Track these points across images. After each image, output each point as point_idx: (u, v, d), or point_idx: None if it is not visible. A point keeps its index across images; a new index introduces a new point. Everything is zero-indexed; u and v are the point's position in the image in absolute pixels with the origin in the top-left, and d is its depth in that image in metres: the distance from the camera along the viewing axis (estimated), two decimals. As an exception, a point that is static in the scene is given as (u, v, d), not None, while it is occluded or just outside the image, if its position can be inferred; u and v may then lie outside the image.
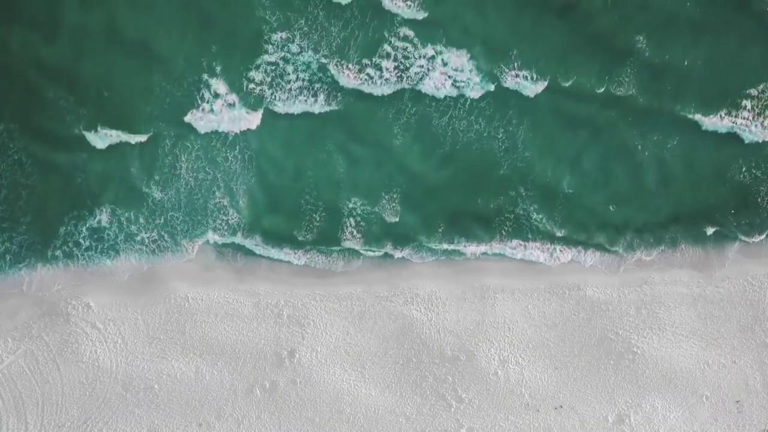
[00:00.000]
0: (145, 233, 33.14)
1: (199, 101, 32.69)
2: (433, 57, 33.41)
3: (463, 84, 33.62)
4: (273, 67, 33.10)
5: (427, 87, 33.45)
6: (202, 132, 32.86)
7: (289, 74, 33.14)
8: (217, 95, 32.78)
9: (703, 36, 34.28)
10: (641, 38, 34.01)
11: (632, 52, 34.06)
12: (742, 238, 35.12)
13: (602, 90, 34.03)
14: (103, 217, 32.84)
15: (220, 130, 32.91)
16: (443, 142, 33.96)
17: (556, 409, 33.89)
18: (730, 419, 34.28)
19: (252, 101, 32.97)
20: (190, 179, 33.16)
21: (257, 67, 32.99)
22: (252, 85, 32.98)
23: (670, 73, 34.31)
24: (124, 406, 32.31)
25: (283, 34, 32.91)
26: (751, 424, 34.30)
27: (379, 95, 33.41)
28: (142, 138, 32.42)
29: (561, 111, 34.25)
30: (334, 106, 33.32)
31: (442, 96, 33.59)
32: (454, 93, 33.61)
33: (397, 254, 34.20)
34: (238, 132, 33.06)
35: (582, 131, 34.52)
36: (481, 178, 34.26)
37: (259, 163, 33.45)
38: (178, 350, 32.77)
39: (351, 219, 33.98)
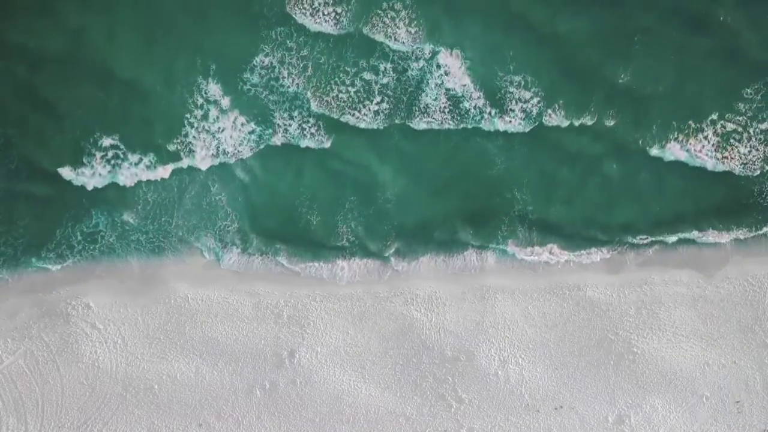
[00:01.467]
0: (142, 235, 33.13)
1: (196, 114, 32.80)
2: (431, 57, 33.33)
3: (460, 97, 33.64)
4: (267, 70, 32.95)
5: (424, 101, 33.45)
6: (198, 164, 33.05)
7: (284, 78, 33.03)
8: (211, 101, 32.72)
9: (681, 62, 34.30)
10: (623, 68, 34.01)
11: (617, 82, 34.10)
12: (740, 237, 35.11)
13: (593, 122, 34.07)
14: (100, 219, 32.84)
15: (215, 164, 33.11)
16: (439, 155, 33.97)
17: (556, 409, 33.88)
18: (730, 419, 34.27)
19: (245, 102, 33.01)
20: (186, 196, 33.33)
21: (251, 69, 32.87)
22: (247, 86, 32.84)
23: (643, 101, 34.29)
24: (124, 406, 32.32)
25: (282, 28, 32.79)
26: (751, 425, 34.29)
27: (372, 126, 33.36)
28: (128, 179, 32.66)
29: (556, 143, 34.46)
30: (323, 137, 33.32)
31: (445, 120, 33.59)
32: (453, 120, 33.64)
33: (397, 268, 34.42)
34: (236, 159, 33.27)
35: (574, 159, 34.59)
36: (477, 182, 34.24)
37: (255, 190, 33.52)
38: (178, 351, 32.78)
39: (345, 252, 34.21)
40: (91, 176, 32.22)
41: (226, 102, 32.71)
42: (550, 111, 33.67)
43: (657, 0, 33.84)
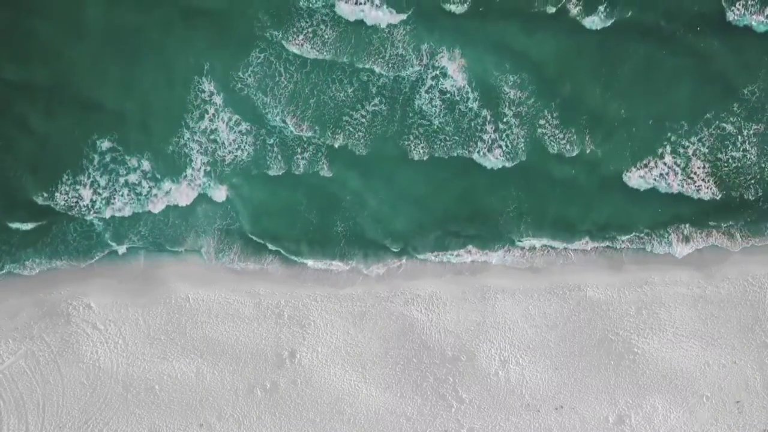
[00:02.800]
0: (138, 236, 33.12)
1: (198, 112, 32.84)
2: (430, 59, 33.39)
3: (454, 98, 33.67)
4: (264, 68, 32.81)
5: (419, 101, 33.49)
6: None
7: (280, 75, 32.98)
8: (207, 100, 32.68)
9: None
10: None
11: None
12: (743, 241, 35.18)
13: (589, 150, 34.18)
14: (97, 218, 32.83)
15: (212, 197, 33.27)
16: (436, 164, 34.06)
17: (556, 409, 33.92)
18: (730, 420, 34.29)
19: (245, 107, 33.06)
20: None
21: (246, 68, 32.77)
22: (240, 85, 32.67)
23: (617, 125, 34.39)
24: (125, 406, 32.35)
25: (277, 32, 32.71)
26: (751, 425, 34.32)
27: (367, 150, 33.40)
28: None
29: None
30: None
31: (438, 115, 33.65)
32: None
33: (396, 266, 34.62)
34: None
35: (567, 168, 34.62)
36: (473, 186, 34.31)
37: (255, 190, 33.55)
38: (179, 351, 32.81)
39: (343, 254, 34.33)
40: (89, 205, 32.23)
41: (219, 100, 32.58)
42: (546, 111, 33.74)
43: (641, 23, 33.71)
